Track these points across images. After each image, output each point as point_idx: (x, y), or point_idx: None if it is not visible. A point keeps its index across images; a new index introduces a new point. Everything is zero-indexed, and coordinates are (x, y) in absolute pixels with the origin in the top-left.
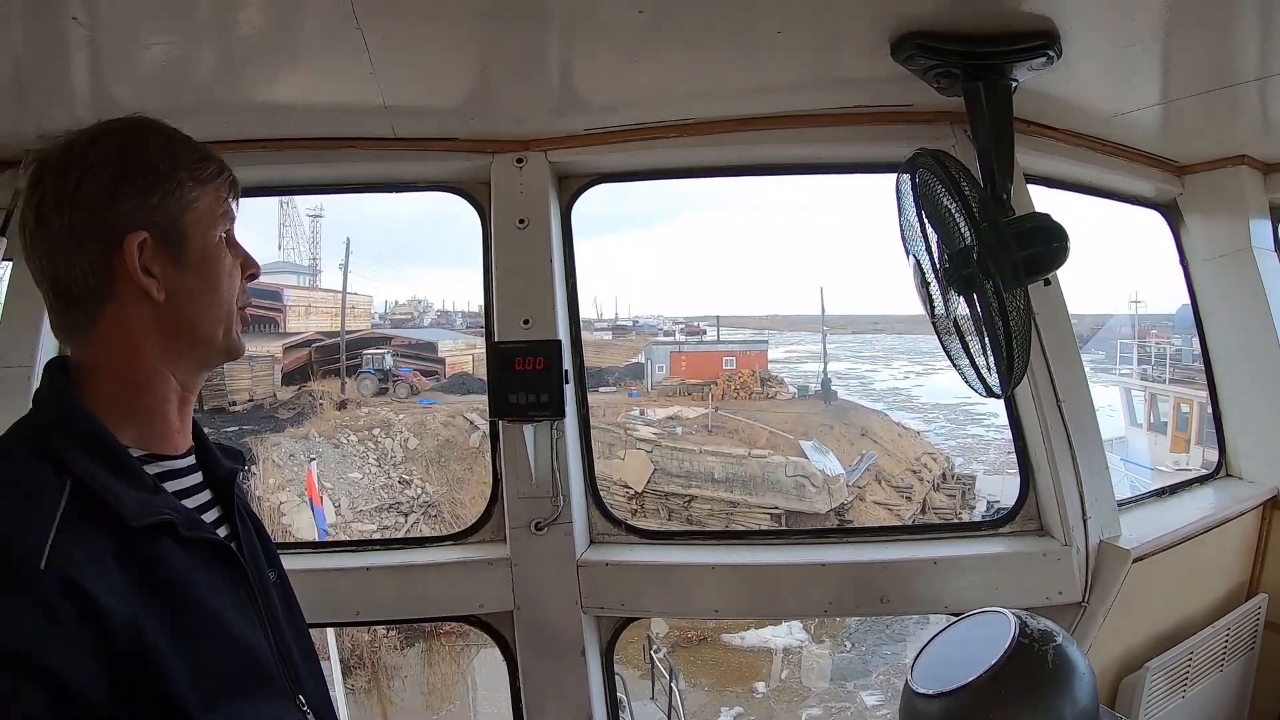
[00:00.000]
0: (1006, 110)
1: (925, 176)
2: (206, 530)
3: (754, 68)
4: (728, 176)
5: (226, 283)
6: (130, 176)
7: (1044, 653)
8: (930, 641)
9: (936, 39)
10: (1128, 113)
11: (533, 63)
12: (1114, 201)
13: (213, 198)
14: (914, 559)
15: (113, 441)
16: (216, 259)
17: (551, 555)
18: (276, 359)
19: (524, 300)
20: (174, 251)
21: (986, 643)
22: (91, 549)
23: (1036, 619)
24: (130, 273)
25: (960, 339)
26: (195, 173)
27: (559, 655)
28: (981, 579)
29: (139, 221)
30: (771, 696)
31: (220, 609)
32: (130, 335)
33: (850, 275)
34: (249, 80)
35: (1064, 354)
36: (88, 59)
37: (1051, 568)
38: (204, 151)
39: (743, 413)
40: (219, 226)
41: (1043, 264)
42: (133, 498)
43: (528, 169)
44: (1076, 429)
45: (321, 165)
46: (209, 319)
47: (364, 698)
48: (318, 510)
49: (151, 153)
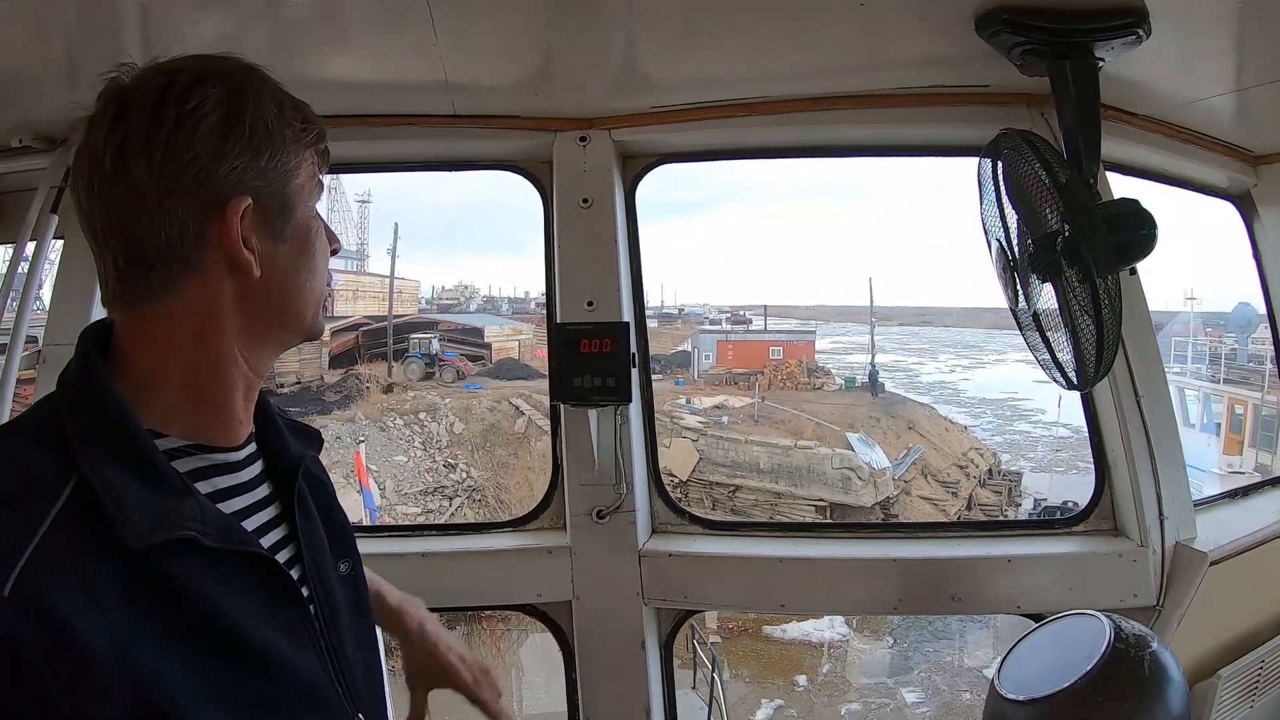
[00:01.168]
0: (1093, 90)
1: (1012, 158)
2: (241, 541)
3: (828, 44)
4: (796, 158)
5: (322, 258)
6: (240, 128)
7: (1140, 659)
8: (1017, 645)
9: (1025, 14)
10: (1203, 99)
11: (597, 38)
12: (1186, 191)
13: (311, 166)
14: (987, 556)
15: (136, 432)
16: (317, 233)
17: (613, 544)
18: (324, 342)
19: (588, 281)
20: (277, 223)
21: (1079, 647)
22: (81, 565)
23: (1130, 623)
24: (229, 243)
25: (1039, 330)
26: (301, 135)
27: (618, 647)
28: (1056, 579)
29: (245, 184)
30: (812, 690)
31: (253, 630)
32: (211, 313)
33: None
34: (306, 54)
35: (1143, 347)
36: (140, 33)
37: (1127, 569)
38: (306, 112)
39: (789, 403)
40: (315, 197)
41: (1131, 252)
42: (143, 509)
43: (591, 147)
44: (1155, 425)
45: (379, 143)
46: (305, 300)
47: (402, 678)
48: (366, 492)
49: (264, 105)
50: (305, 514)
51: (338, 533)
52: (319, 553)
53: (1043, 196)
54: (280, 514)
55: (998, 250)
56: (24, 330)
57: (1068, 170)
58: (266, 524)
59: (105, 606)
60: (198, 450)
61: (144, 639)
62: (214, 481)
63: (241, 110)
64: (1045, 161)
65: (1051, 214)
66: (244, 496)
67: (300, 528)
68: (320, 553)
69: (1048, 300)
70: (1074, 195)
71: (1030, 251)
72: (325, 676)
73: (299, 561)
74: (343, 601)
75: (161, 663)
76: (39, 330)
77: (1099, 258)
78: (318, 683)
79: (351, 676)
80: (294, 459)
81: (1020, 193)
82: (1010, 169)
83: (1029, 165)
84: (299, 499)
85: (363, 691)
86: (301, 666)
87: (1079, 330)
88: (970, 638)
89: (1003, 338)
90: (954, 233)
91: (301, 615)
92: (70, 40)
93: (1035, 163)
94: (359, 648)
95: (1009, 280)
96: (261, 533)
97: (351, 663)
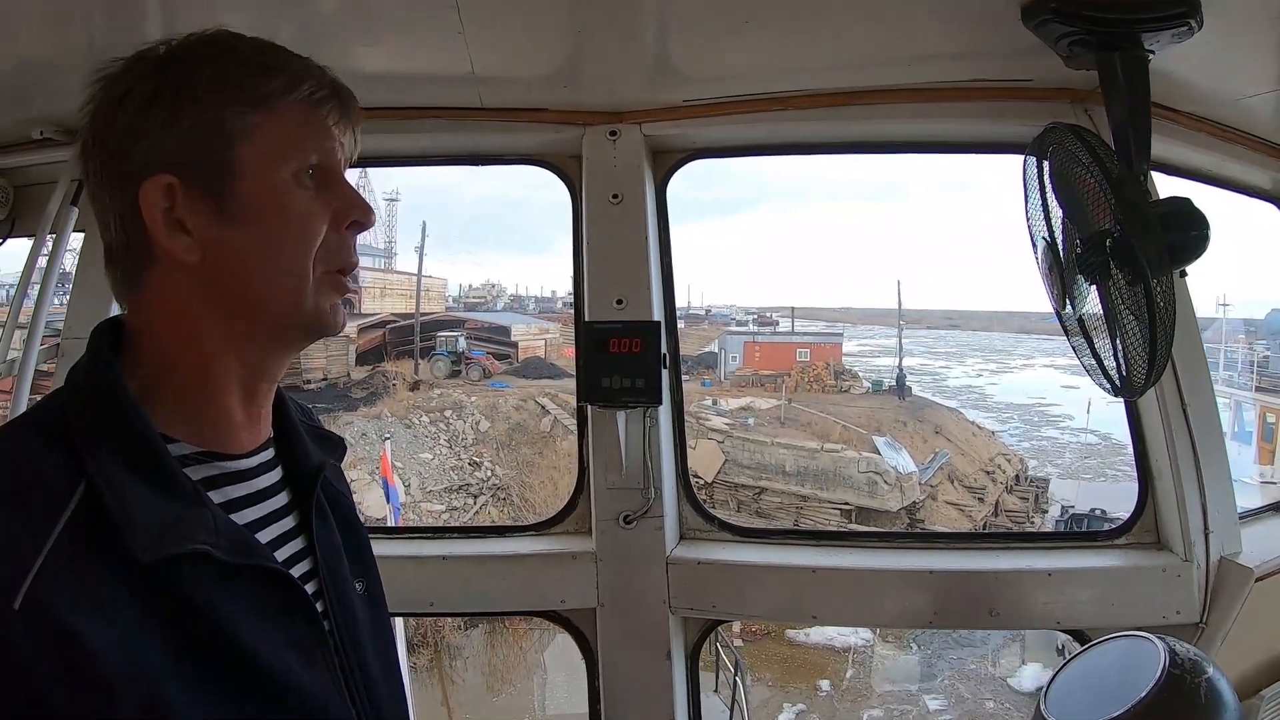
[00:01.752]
0: (1143, 84)
1: (1059, 154)
2: (254, 555)
3: (865, 36)
4: (830, 154)
5: (296, 234)
6: (160, 101)
7: (1196, 685)
8: (1064, 667)
9: (1074, 3)
10: (1249, 97)
11: (628, 29)
12: (1226, 191)
13: (287, 122)
14: (1027, 569)
15: (147, 433)
16: (279, 205)
17: (640, 551)
18: (351, 339)
19: (617, 279)
20: (218, 199)
21: (1131, 671)
22: (93, 576)
23: (1184, 645)
24: (152, 228)
25: (1085, 335)
26: (250, 91)
27: (643, 657)
28: (1098, 594)
29: (163, 160)
30: (835, 696)
31: (264, 649)
32: (173, 308)
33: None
34: (331, 46)
35: (1190, 354)
36: (162, 24)
37: (1170, 584)
38: (277, 61)
39: (816, 406)
40: (293, 160)
41: (1184, 253)
42: (152, 518)
43: (621, 142)
44: (1201, 435)
45: (406, 136)
46: (275, 285)
47: (425, 676)
48: (391, 489)
49: (193, 71)
50: (324, 525)
51: (355, 551)
52: (337, 566)
53: (1092, 194)
54: (299, 524)
55: (1044, 251)
56: (42, 323)
57: (1121, 166)
58: (283, 535)
59: (116, 620)
60: (209, 457)
61: (155, 656)
62: (225, 491)
63: (163, 82)
64: (1096, 156)
65: (1101, 212)
66: (257, 507)
67: (318, 539)
68: (338, 567)
69: (1094, 303)
70: (1126, 192)
71: (1078, 252)
72: (338, 697)
73: (316, 575)
74: (363, 621)
75: (171, 682)
76: (59, 323)
77: (1152, 258)
78: (330, 703)
79: (374, 698)
80: (314, 467)
81: (1067, 190)
82: (1057, 165)
83: (1077, 161)
84: (318, 510)
85: (387, 716)
86: (312, 687)
87: (1128, 335)
88: (995, 646)
89: (1031, 342)
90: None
91: (315, 633)
92: (92, 32)
93: (1085, 158)
94: (382, 671)
95: (1055, 282)
96: (277, 545)
97: (375, 684)
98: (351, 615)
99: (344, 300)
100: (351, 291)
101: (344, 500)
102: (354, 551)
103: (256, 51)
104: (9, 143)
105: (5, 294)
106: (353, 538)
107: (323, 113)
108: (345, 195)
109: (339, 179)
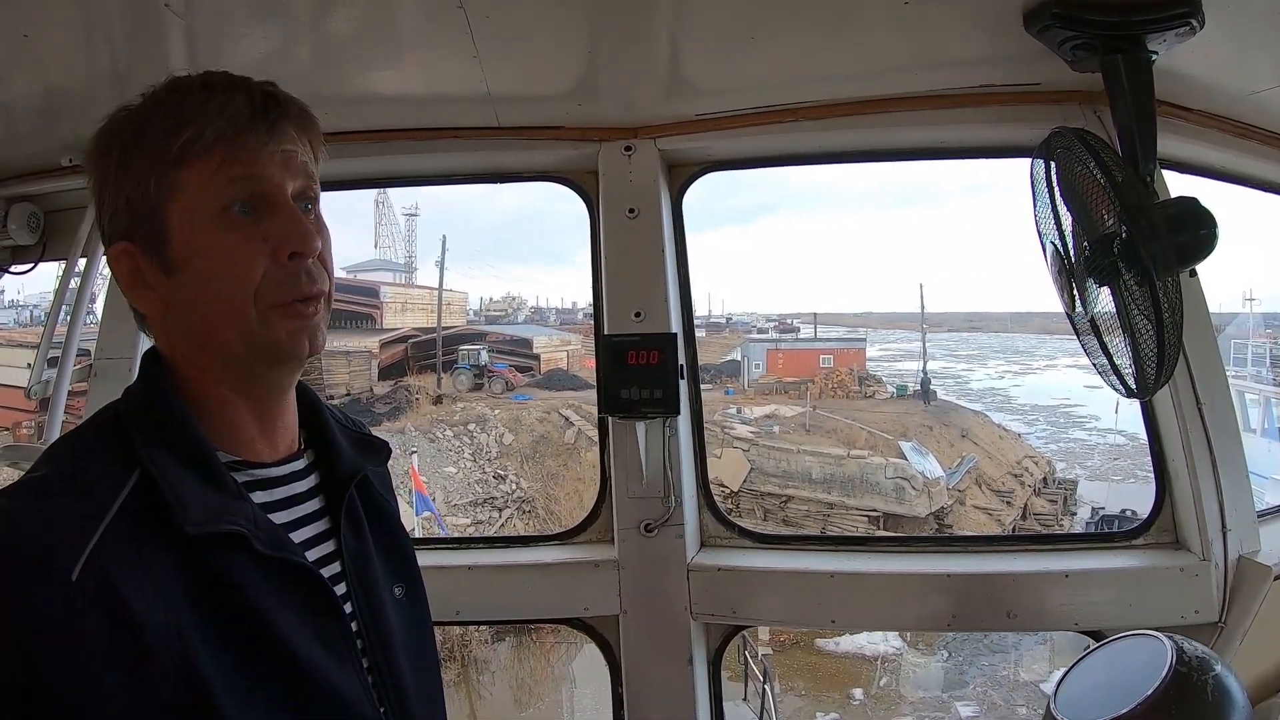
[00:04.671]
0: (1148, 85)
1: (1065, 157)
2: (287, 550)
3: (874, 45)
4: (844, 163)
5: (227, 276)
6: (107, 175)
7: (1203, 683)
8: (1074, 667)
9: (1074, 7)
10: (1261, 91)
11: (641, 46)
12: (1244, 188)
13: (200, 170)
14: (1044, 571)
15: (198, 436)
16: (206, 253)
17: (661, 558)
18: (373, 354)
19: (635, 292)
20: (161, 257)
21: (1138, 669)
22: (143, 553)
23: (1192, 643)
24: (126, 293)
25: (1097, 335)
26: (165, 151)
27: (665, 663)
28: (1116, 595)
29: (119, 228)
30: (868, 704)
31: (294, 639)
32: (172, 346)
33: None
34: (349, 69)
35: (1204, 352)
36: (185, 50)
37: (1188, 584)
38: (184, 115)
39: (840, 412)
40: (213, 204)
41: (1192, 252)
42: (201, 500)
43: (636, 157)
44: (1217, 434)
45: (424, 156)
46: (218, 326)
47: (453, 690)
48: (424, 497)
49: (127, 138)
50: (355, 530)
51: (394, 554)
52: (366, 570)
53: (1098, 196)
54: (331, 528)
55: (1053, 254)
56: (75, 344)
57: (1123, 169)
58: (314, 538)
59: (165, 594)
60: (242, 465)
61: (197, 630)
62: (257, 495)
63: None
64: (1100, 159)
65: (1108, 215)
66: (286, 511)
67: (345, 544)
68: (368, 570)
69: (1105, 305)
70: (1131, 194)
71: (1086, 254)
72: (364, 694)
73: (344, 578)
74: (396, 624)
75: (212, 656)
76: (91, 344)
77: (1158, 259)
78: (354, 700)
79: (402, 699)
80: (348, 473)
81: (1074, 193)
82: (1063, 169)
83: (1083, 164)
84: (348, 514)
85: (417, 717)
86: (337, 683)
87: (1138, 335)
88: (1026, 651)
89: (1053, 343)
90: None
91: (342, 631)
92: (117, 59)
93: (1089, 161)
94: (416, 674)
95: (1065, 284)
96: (308, 546)
97: (404, 686)
98: (382, 618)
99: (309, 325)
100: (309, 316)
101: (386, 506)
102: (393, 555)
103: (176, 105)
104: (39, 169)
105: (32, 314)
106: (393, 543)
107: (244, 140)
108: (281, 225)
109: (278, 206)
